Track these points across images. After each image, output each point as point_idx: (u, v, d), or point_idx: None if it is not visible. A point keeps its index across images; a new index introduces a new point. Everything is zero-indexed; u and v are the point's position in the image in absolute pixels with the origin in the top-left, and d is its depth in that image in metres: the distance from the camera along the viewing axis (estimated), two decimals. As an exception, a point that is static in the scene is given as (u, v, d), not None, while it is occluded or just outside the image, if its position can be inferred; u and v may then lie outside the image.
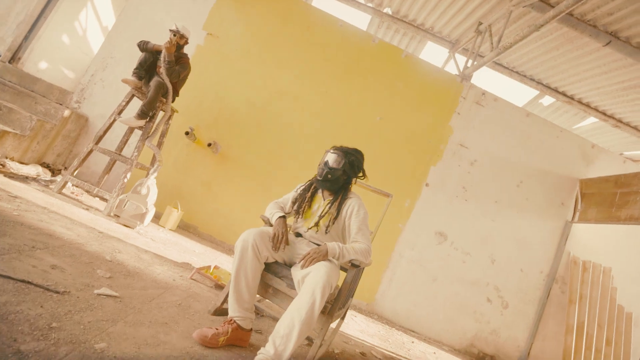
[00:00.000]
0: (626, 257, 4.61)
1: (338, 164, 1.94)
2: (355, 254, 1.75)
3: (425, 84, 4.58)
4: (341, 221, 1.94)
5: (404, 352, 2.97)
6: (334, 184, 1.95)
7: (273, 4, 4.51)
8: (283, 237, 1.79)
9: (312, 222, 1.96)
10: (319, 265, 1.62)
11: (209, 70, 4.30)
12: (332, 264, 1.74)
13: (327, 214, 1.92)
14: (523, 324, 4.25)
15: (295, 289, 1.69)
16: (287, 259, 1.90)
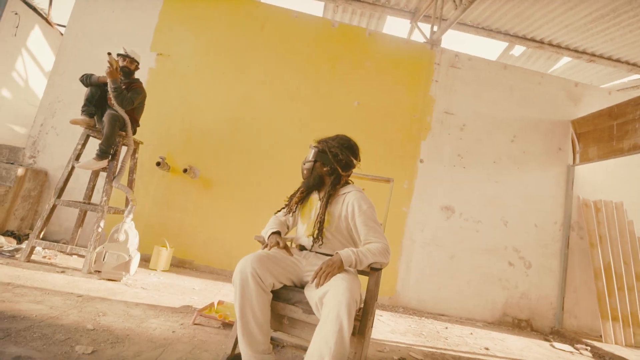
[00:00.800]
0: (634, 188, 4.50)
1: (323, 160, 1.71)
2: (373, 256, 1.49)
3: (396, 59, 4.36)
4: (343, 221, 1.68)
5: (442, 342, 2.74)
6: (318, 180, 1.73)
7: (220, 10, 4.21)
8: (276, 245, 1.61)
9: (310, 229, 1.71)
10: (337, 280, 1.36)
11: (169, 92, 3.98)
12: (351, 274, 1.48)
13: (322, 215, 1.66)
14: (550, 279, 4.09)
15: (315, 314, 1.43)
16: (296, 279, 1.63)
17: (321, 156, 1.71)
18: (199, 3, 4.20)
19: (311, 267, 1.63)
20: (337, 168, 1.71)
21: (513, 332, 3.70)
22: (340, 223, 1.68)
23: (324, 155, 1.71)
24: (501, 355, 2.67)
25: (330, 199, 1.70)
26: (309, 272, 1.61)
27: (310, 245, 1.69)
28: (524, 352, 2.91)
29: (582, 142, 4.32)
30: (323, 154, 1.72)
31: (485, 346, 2.83)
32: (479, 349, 2.72)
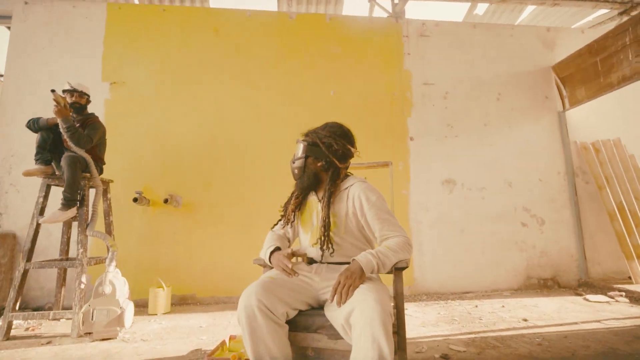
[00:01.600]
0: (627, 121, 4.41)
1: (316, 155, 1.49)
2: (395, 254, 1.27)
3: (363, 39, 4.15)
4: (352, 219, 1.45)
5: (477, 324, 2.54)
6: (313, 178, 1.49)
7: (169, 24, 3.92)
8: (286, 269, 1.38)
9: (315, 236, 1.47)
10: (362, 293, 1.13)
11: (132, 121, 3.67)
12: (375, 281, 1.26)
13: (326, 218, 1.42)
14: (566, 231, 3.95)
15: (343, 337, 1.19)
16: (313, 300, 1.38)
17: (313, 150, 1.47)
18: (144, 22, 3.90)
19: (326, 282, 1.39)
20: (334, 160, 1.48)
21: (542, 293, 3.55)
22: (349, 222, 1.45)
23: (316, 148, 1.48)
24: (542, 324, 2.49)
25: (332, 197, 1.46)
26: (326, 289, 1.37)
27: (319, 256, 1.45)
28: (561, 314, 2.74)
29: (567, 86, 4.19)
30: (314, 147, 1.48)
31: (522, 317, 2.65)
32: (517, 322, 2.53)
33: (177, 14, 3.99)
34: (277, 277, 1.32)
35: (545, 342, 2.10)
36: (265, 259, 1.46)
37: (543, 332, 2.28)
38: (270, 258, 1.45)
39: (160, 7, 4.01)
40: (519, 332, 2.32)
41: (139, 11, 3.95)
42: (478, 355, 1.92)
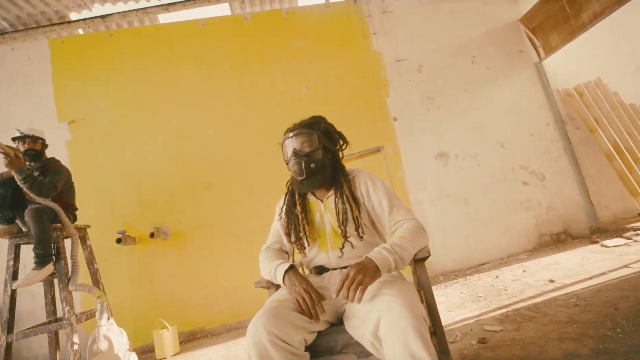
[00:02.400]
0: (605, 60, 4.36)
1: (312, 143, 1.30)
2: (412, 243, 1.10)
3: (325, 27, 3.98)
4: (363, 211, 1.30)
5: (504, 296, 2.39)
6: (324, 172, 1.31)
7: (120, 48, 3.67)
8: (313, 296, 1.09)
9: (327, 239, 1.29)
10: (386, 301, 0.95)
11: (99, 157, 3.42)
12: (397, 280, 1.08)
13: (356, 209, 1.26)
14: (567, 181, 3.86)
15: (374, 353, 1.01)
16: (331, 316, 1.20)
17: (325, 140, 1.33)
18: (92, 52, 3.64)
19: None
20: (339, 152, 1.40)
21: (557, 249, 3.44)
22: (362, 215, 1.29)
23: (326, 138, 1.34)
24: (569, 281, 2.36)
25: (344, 190, 1.31)
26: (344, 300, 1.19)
27: (333, 261, 1.28)
28: (586, 267, 2.62)
29: (539, 35, 4.11)
30: (326, 136, 1.34)
31: (547, 279, 2.52)
32: (545, 285, 2.40)
33: (127, 37, 3.74)
34: (284, 298, 1.13)
35: (581, 301, 1.96)
36: (276, 278, 1.21)
37: (575, 291, 2.15)
38: (285, 278, 1.18)
39: (107, 34, 3.76)
40: (549, 295, 2.18)
41: (85, 41, 3.69)
42: (517, 331, 1.77)
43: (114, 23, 4.14)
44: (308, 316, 1.08)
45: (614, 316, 1.68)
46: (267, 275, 1.28)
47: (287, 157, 1.31)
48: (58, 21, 3.93)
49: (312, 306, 1.07)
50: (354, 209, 1.27)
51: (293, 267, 1.20)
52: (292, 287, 1.13)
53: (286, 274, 1.18)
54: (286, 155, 1.32)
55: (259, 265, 1.35)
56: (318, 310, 1.07)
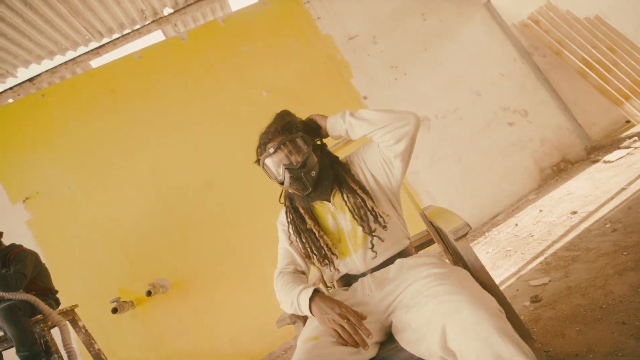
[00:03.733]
0: (548, -18, 4.31)
1: (300, 149, 1.10)
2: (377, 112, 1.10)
3: (267, 26, 3.75)
4: (375, 189, 1.15)
5: (533, 242, 2.26)
6: (327, 172, 1.14)
7: (56, 106, 3.35)
8: (352, 319, 0.89)
9: (347, 242, 1.11)
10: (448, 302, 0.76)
11: (68, 229, 3.10)
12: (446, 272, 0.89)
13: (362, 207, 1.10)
14: (550, 110, 3.79)
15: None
16: (378, 334, 0.98)
17: (309, 139, 1.15)
18: (28, 118, 3.30)
19: (386, 296, 1.01)
20: (324, 144, 1.25)
21: (562, 178, 3.36)
22: (376, 194, 1.15)
23: (309, 136, 1.16)
24: (594, 207, 2.24)
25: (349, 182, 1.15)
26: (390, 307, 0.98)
27: (363, 264, 1.11)
28: (600, 188, 2.52)
29: (480, -25, 4.01)
30: (307, 134, 1.16)
31: (569, 211, 2.39)
32: (569, 219, 2.28)
33: (61, 92, 3.41)
34: (319, 332, 0.92)
35: (617, 224, 1.84)
36: (301, 310, 1.00)
37: (604, 215, 2.03)
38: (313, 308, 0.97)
39: (38, 95, 3.42)
40: (580, 228, 2.05)
41: (17, 110, 3.35)
42: (567, 277, 1.62)
43: (45, 82, 3.79)
44: (354, 345, 0.87)
45: (661, 230, 1.55)
46: (289, 308, 1.07)
47: (278, 177, 1.10)
48: (-19, 97, 3.56)
49: (355, 332, 0.87)
50: (366, 199, 1.08)
51: (318, 291, 0.99)
52: (324, 316, 0.92)
53: (312, 303, 0.97)
54: (275, 174, 1.11)
55: (277, 296, 1.14)
56: (363, 335, 0.87)
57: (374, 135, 1.07)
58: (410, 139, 1.05)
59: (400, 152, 1.06)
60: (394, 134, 1.03)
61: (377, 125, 1.05)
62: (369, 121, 1.07)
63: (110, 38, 3.79)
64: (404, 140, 1.04)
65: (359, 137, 1.12)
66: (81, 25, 3.45)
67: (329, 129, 1.17)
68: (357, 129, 1.09)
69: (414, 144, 1.08)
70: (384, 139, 1.05)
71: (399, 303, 0.94)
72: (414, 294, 0.88)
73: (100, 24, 3.54)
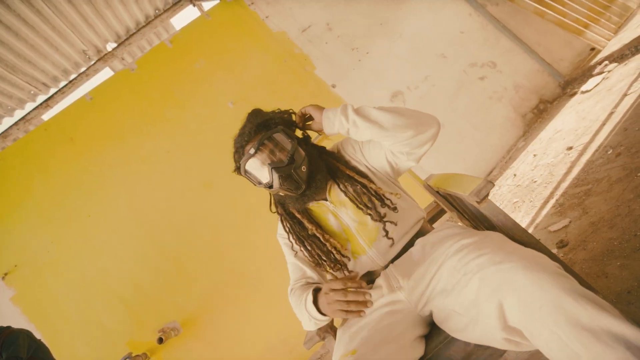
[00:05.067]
0: None
1: (283, 145, 0.98)
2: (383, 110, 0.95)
3: (217, 37, 3.59)
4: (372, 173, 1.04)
5: (540, 188, 2.20)
6: (318, 165, 1.02)
7: (12, 169, 3.11)
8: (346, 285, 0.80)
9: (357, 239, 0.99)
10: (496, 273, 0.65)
11: (61, 294, 2.88)
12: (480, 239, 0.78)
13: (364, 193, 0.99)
14: (516, 56, 3.77)
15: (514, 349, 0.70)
16: (419, 328, 0.86)
17: (289, 132, 1.03)
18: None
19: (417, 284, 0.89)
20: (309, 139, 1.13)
21: (544, 119, 3.35)
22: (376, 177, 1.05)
23: (290, 130, 1.05)
24: (588, 138, 2.19)
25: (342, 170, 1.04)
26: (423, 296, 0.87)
27: (380, 253, 0.99)
28: (587, 118, 2.48)
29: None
30: (287, 126, 1.05)
31: (564, 148, 2.34)
32: (569, 155, 2.22)
33: (16, 153, 3.18)
34: (357, 345, 0.80)
35: (619, 147, 1.78)
36: (315, 317, 0.90)
37: (602, 143, 1.98)
38: (320, 304, 0.89)
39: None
40: (582, 161, 2.00)
41: (-30, 185, 3.09)
42: (585, 213, 1.55)
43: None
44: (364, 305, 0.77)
45: (667, 141, 1.50)
46: (308, 325, 0.94)
47: (264, 180, 0.97)
48: None
49: (357, 295, 0.77)
50: (367, 183, 0.97)
51: (318, 290, 0.90)
52: (328, 307, 0.83)
53: (319, 303, 0.89)
54: (260, 178, 0.98)
55: (296, 314, 1.01)
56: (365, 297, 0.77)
57: (383, 140, 0.94)
58: (431, 144, 0.95)
59: (415, 159, 0.96)
60: (412, 142, 0.91)
61: (389, 130, 0.91)
62: (380, 124, 0.92)
63: (57, 87, 3.57)
64: (424, 148, 0.94)
65: (364, 139, 0.99)
66: (22, 80, 3.22)
67: (326, 124, 1.00)
68: (364, 130, 0.94)
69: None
70: (396, 146, 0.94)
71: (435, 288, 0.83)
72: (450, 273, 0.77)
73: (42, 75, 3.32)
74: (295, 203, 1.02)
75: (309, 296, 0.90)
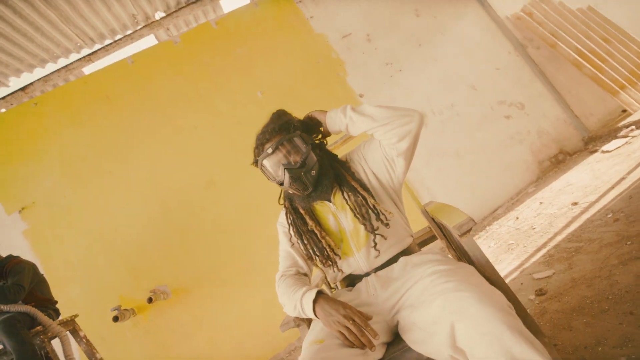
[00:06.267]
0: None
1: (299, 148, 1.08)
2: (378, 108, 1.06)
3: (260, 27, 3.73)
4: (377, 187, 1.13)
5: (535, 235, 2.25)
6: (327, 171, 1.11)
7: (49, 115, 3.32)
8: (358, 320, 0.87)
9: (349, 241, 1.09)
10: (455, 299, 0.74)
11: (67, 238, 3.07)
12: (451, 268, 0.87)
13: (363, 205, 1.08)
14: (546, 102, 3.79)
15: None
16: (385, 334, 0.96)
17: (307, 137, 1.12)
18: (20, 126, 3.27)
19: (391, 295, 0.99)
20: (324, 140, 1.23)
21: (561, 170, 3.36)
22: (377, 192, 1.13)
23: (306, 134, 1.13)
24: (594, 198, 2.23)
25: (349, 180, 1.13)
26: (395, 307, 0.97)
27: (366, 260, 1.09)
28: (600, 178, 2.51)
29: (472, -31, 4.00)
30: (305, 132, 1.14)
31: (570, 202, 2.39)
32: (570, 210, 2.27)
33: (54, 100, 3.38)
34: (324, 335, 0.90)
35: (619, 213, 1.83)
36: (305, 312, 0.99)
37: (605, 205, 2.02)
38: (317, 310, 0.95)
39: (30, 103, 3.38)
40: (582, 219, 2.04)
41: (9, 119, 3.32)
42: (571, 269, 1.61)
43: (37, 90, 3.75)
44: (360, 346, 0.86)
45: (663, 217, 1.54)
46: (292, 312, 1.05)
47: (277, 177, 1.08)
48: (-26, 108, 3.52)
49: (362, 333, 0.85)
50: (367, 197, 1.06)
51: (321, 293, 0.98)
52: (329, 318, 0.90)
53: (316, 305, 0.95)
54: (274, 175, 1.09)
55: (279, 299, 1.12)
56: (370, 336, 0.85)
57: (375, 132, 1.05)
58: (414, 137, 1.04)
59: (404, 151, 1.05)
60: (397, 132, 1.01)
61: (379, 121, 1.03)
62: (372, 117, 1.04)
63: (102, 44, 3.76)
64: (408, 138, 1.02)
65: (359, 132, 1.10)
66: (72, 31, 3.41)
67: (329, 123, 1.14)
68: (359, 124, 1.07)
69: (417, 142, 1.07)
70: (386, 136, 1.03)
71: (405, 302, 0.93)
72: (420, 292, 0.87)
73: (91, 30, 3.50)
74: (301, 201, 1.12)
75: (312, 295, 0.96)
